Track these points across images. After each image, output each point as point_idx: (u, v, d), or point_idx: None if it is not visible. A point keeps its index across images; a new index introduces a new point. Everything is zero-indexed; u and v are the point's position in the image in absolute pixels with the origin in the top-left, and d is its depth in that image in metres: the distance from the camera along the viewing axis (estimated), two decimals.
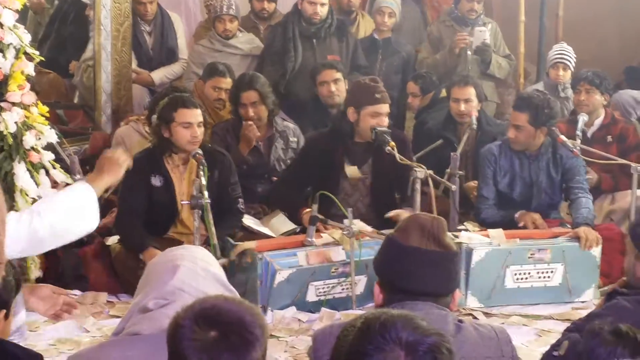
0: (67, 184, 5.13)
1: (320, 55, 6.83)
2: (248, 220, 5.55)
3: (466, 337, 2.54)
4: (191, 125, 5.11)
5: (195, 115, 5.14)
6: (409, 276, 2.54)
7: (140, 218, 5.20)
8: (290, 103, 6.78)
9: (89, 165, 6.33)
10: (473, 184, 5.98)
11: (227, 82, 6.35)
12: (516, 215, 5.44)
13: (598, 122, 6.30)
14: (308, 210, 5.18)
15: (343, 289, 4.91)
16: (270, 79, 6.68)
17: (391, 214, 5.19)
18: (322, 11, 6.86)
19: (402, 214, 5.06)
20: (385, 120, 5.37)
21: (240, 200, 5.37)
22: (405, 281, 2.55)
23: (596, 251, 5.05)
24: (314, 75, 6.51)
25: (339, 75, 6.37)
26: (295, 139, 6.12)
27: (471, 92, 6.10)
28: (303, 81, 6.75)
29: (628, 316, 2.69)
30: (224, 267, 4.62)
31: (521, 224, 5.38)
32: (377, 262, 2.67)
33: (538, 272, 5.04)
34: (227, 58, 6.91)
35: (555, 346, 2.84)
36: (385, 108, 5.39)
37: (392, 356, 1.81)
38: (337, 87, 6.38)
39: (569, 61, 6.89)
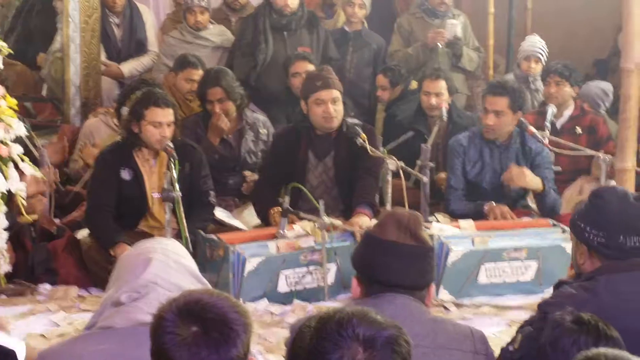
0: (37, 177, 5.11)
1: (291, 47, 6.82)
2: (220, 213, 5.54)
3: (443, 329, 2.60)
4: (161, 125, 5.09)
5: (167, 115, 5.12)
6: (386, 269, 2.61)
7: (110, 212, 5.17)
8: (262, 95, 6.77)
9: None
10: (443, 175, 6.00)
11: (199, 74, 6.33)
12: (485, 207, 5.47)
13: (567, 113, 6.34)
14: (275, 210, 5.18)
15: (314, 279, 4.91)
16: (241, 71, 6.68)
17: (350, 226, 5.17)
18: (293, 3, 6.84)
19: (358, 222, 5.05)
20: (333, 108, 5.27)
21: (212, 193, 5.36)
22: (382, 274, 2.61)
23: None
24: (287, 66, 6.50)
25: (311, 67, 6.34)
26: (265, 131, 6.10)
27: (442, 85, 6.13)
28: (274, 73, 6.73)
29: (571, 302, 2.74)
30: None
31: (491, 217, 5.40)
32: (355, 257, 2.74)
33: (512, 269, 5.05)
34: (198, 50, 6.88)
35: (511, 342, 2.88)
36: (328, 94, 5.28)
37: (350, 353, 1.83)
38: None
39: (541, 54, 6.93)
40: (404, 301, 2.56)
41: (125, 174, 5.19)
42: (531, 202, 5.83)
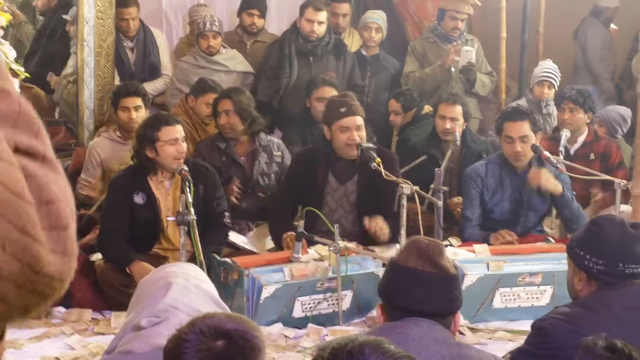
0: None
1: (317, 72, 6.84)
2: (233, 237, 5.54)
3: (467, 354, 2.61)
4: (177, 141, 5.12)
5: (179, 130, 5.18)
6: (407, 296, 2.63)
7: (123, 236, 5.18)
8: (282, 116, 6.83)
9: (70, 181, 6.32)
10: (457, 200, 5.99)
11: None
12: (491, 237, 5.45)
13: (581, 139, 6.33)
14: (289, 234, 5.19)
15: (329, 305, 4.90)
16: (265, 95, 6.76)
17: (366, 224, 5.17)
18: (320, 29, 6.90)
19: (376, 223, 5.05)
20: (357, 134, 5.29)
21: (227, 214, 5.36)
22: (403, 300, 2.64)
23: None
24: (311, 88, 6.52)
25: (335, 93, 6.32)
26: (280, 153, 6.11)
27: (458, 110, 6.10)
28: (297, 97, 6.77)
29: (566, 318, 2.86)
30: None
31: (497, 244, 5.37)
32: (379, 285, 2.79)
33: (527, 294, 5.04)
34: (211, 74, 6.91)
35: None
36: (353, 121, 5.31)
37: None
38: None
39: (555, 80, 6.93)
40: (429, 325, 2.59)
41: (139, 199, 5.20)
42: (547, 228, 5.82)
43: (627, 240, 2.97)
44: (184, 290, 2.56)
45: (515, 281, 5.00)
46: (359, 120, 5.34)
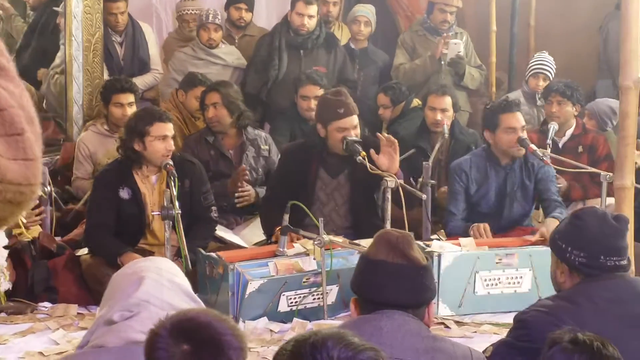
0: (40, 195, 5.12)
1: (307, 66, 6.85)
2: (220, 231, 5.54)
3: (442, 347, 2.62)
4: (166, 138, 5.12)
5: (170, 128, 5.18)
6: (378, 288, 2.65)
7: (110, 231, 5.17)
8: (271, 111, 6.82)
9: (60, 176, 6.33)
10: (444, 189, 5.97)
11: None
12: (470, 231, 5.44)
13: (569, 132, 6.32)
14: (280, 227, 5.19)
15: (314, 299, 4.90)
16: (253, 87, 6.79)
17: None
18: (310, 23, 6.90)
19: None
20: (354, 133, 5.29)
21: (214, 208, 5.36)
22: (374, 293, 2.66)
23: None
24: (297, 86, 6.52)
25: (321, 92, 6.24)
26: (267, 147, 6.10)
27: (448, 102, 6.11)
28: (285, 90, 6.78)
29: (548, 311, 2.89)
30: None
31: (473, 236, 5.37)
32: (352, 279, 2.79)
33: (507, 278, 5.04)
34: (208, 67, 6.94)
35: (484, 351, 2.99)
36: (350, 121, 5.30)
37: None
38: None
39: (549, 72, 6.92)
40: (403, 317, 2.60)
41: (124, 193, 5.19)
42: (535, 221, 5.82)
43: (608, 232, 2.98)
44: (157, 285, 2.54)
45: (493, 262, 4.99)
46: (356, 119, 5.35)
